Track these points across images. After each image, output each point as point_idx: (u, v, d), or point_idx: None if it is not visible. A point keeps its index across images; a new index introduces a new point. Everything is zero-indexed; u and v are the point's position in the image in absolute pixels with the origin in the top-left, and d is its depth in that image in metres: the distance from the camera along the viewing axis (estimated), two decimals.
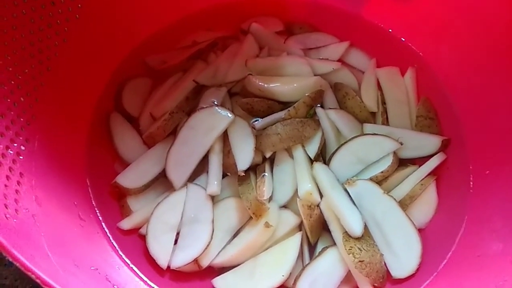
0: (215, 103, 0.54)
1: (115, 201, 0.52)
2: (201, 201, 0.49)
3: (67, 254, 0.40)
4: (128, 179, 0.51)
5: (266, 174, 0.49)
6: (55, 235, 0.40)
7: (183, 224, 0.48)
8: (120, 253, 0.47)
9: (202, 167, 0.51)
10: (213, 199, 0.49)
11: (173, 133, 0.55)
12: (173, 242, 0.47)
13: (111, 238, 0.48)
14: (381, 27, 0.60)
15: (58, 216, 0.43)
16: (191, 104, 0.58)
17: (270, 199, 0.49)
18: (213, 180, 0.49)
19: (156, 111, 0.57)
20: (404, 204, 0.50)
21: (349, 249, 0.44)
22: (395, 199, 0.48)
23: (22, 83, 0.45)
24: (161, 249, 0.47)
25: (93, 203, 0.50)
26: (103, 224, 0.49)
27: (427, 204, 0.51)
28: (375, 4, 0.58)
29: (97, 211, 0.49)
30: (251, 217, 0.49)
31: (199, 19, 0.62)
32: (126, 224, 0.49)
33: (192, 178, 0.51)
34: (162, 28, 0.61)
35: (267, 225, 0.47)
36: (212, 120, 0.51)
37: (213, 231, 0.47)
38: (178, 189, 0.50)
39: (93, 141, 0.53)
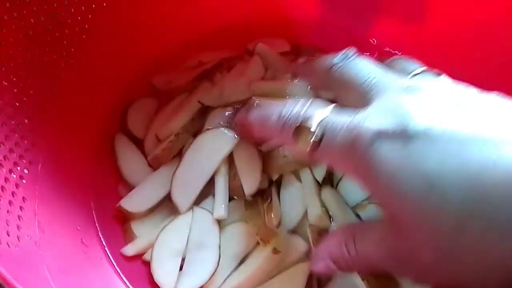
0: (221, 123, 0.53)
1: (119, 225, 0.50)
2: (208, 226, 0.48)
3: (70, 282, 0.39)
4: (133, 202, 0.50)
5: (273, 198, 0.48)
6: (58, 263, 0.39)
7: (189, 249, 0.47)
8: (125, 280, 0.46)
9: (208, 190, 0.50)
10: (220, 223, 0.48)
11: (178, 155, 0.54)
12: (178, 268, 0.46)
13: (115, 265, 0.47)
14: (389, 50, 0.59)
15: (61, 243, 0.42)
16: (197, 125, 0.57)
17: (279, 224, 0.48)
18: (220, 203, 0.48)
19: (161, 132, 0.56)
20: None
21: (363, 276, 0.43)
22: None
23: (27, 105, 0.44)
24: (166, 276, 0.45)
25: (97, 227, 0.49)
26: (106, 249, 0.48)
27: None
28: (384, 26, 0.58)
29: (101, 235, 0.48)
30: (258, 243, 0.47)
31: (205, 40, 0.62)
32: (130, 250, 0.48)
33: (198, 201, 0.50)
34: (168, 49, 0.60)
35: (275, 251, 0.46)
36: (218, 142, 0.50)
37: (219, 257, 0.46)
38: (184, 213, 0.49)
39: (98, 163, 0.52)
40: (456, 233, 0.25)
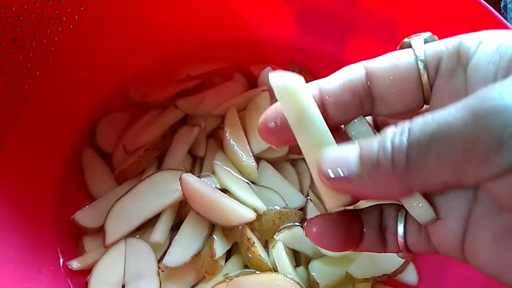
0: (184, 168, 0.53)
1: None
2: (143, 254, 0.48)
3: None
4: (86, 217, 0.51)
5: (215, 237, 0.48)
6: None
7: (127, 282, 0.48)
8: None
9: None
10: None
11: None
12: None
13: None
14: None
15: (13, 273, 0.44)
16: (168, 142, 0.58)
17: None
18: (158, 229, 0.49)
19: (130, 144, 0.56)
20: None
21: None
22: None
23: None
24: None
25: (58, 253, 0.50)
26: (66, 277, 0.49)
27: None
28: (359, 47, 0.56)
29: (61, 260, 0.50)
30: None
31: (192, 55, 0.61)
32: (76, 264, 0.49)
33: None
34: (147, 64, 0.60)
35: (227, 276, 0.48)
36: (173, 185, 0.50)
37: (160, 284, 0.47)
38: (116, 244, 0.49)
39: (64, 183, 0.53)
40: None
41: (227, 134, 0.54)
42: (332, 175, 0.24)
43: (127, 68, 0.59)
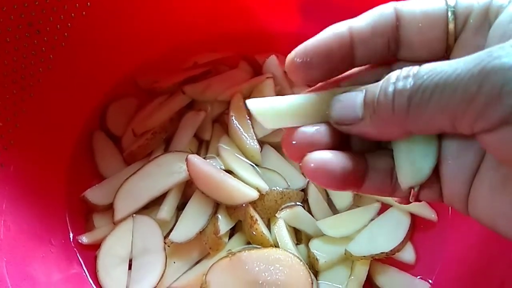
0: (190, 150, 0.55)
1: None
2: (150, 230, 0.50)
3: (28, 283, 0.43)
4: (96, 195, 0.54)
5: (219, 216, 0.50)
6: (20, 264, 0.43)
7: (134, 256, 0.50)
8: (90, 281, 0.50)
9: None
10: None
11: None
12: (126, 275, 0.49)
13: (82, 265, 0.51)
14: None
15: (26, 241, 0.46)
16: (175, 126, 0.60)
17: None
18: (165, 207, 0.51)
19: (139, 128, 0.59)
20: None
21: None
22: None
23: (2, 108, 0.48)
24: (114, 284, 0.49)
25: (68, 223, 0.53)
26: (75, 251, 0.52)
27: None
28: None
29: (70, 230, 0.52)
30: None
31: (199, 44, 0.63)
32: (86, 239, 0.51)
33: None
34: (157, 52, 0.62)
35: (231, 253, 0.49)
36: (180, 165, 0.52)
37: (166, 259, 0.49)
38: (124, 221, 0.51)
39: (75, 163, 0.56)
40: None
41: (232, 118, 0.55)
42: (340, 118, 0.27)
43: (136, 56, 0.61)
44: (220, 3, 0.60)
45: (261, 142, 0.56)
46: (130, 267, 0.50)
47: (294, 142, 0.28)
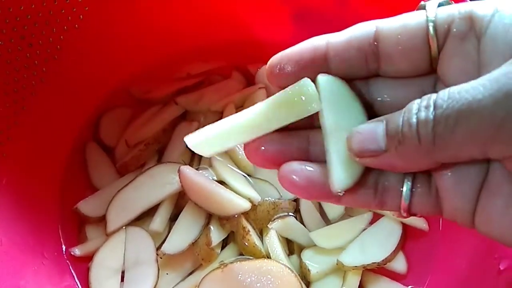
0: (183, 161, 0.55)
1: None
2: (143, 242, 0.51)
3: None
4: (90, 206, 0.54)
5: (211, 227, 0.50)
6: (12, 278, 0.43)
7: (127, 268, 0.50)
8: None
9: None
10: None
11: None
12: (119, 287, 0.49)
13: (75, 277, 0.51)
14: None
15: (18, 256, 0.46)
16: (168, 136, 0.60)
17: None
18: (157, 218, 0.51)
19: (132, 138, 0.59)
20: None
21: None
22: None
23: None
24: None
25: (60, 235, 0.53)
26: (68, 263, 0.52)
27: None
28: None
29: (64, 247, 0.52)
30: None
31: (192, 54, 0.63)
32: (78, 250, 0.51)
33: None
34: (151, 62, 0.62)
35: (223, 264, 0.49)
36: (172, 176, 0.52)
37: (158, 270, 0.49)
38: (117, 232, 0.52)
39: (68, 175, 0.56)
40: None
41: None
42: (361, 151, 0.26)
43: (129, 66, 0.61)
44: (212, 13, 0.61)
45: None
46: (122, 279, 0.50)
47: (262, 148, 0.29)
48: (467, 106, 0.22)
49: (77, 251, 0.52)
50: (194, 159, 0.58)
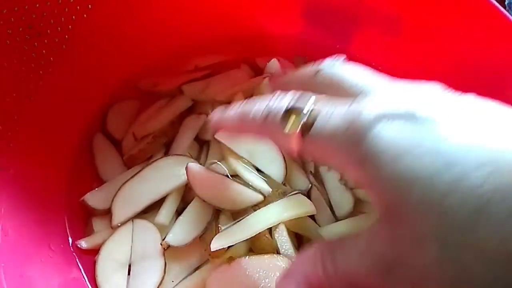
0: (189, 153, 0.55)
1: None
2: (150, 235, 0.50)
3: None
4: (96, 199, 0.53)
5: (221, 226, 0.50)
6: (18, 269, 0.43)
7: (133, 262, 0.49)
8: (89, 286, 0.49)
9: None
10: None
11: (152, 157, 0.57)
12: (125, 280, 0.49)
13: (82, 270, 0.51)
14: (371, 64, 0.59)
15: (25, 247, 0.46)
16: (175, 129, 0.59)
17: None
18: (163, 211, 0.51)
19: (139, 131, 0.58)
20: None
21: None
22: None
23: (1, 111, 0.47)
24: None
25: (67, 228, 0.52)
26: (74, 255, 0.51)
27: None
28: (363, 40, 0.58)
29: (70, 240, 0.52)
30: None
31: (200, 47, 0.63)
32: (85, 243, 0.51)
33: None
34: (158, 54, 0.62)
35: (231, 259, 0.49)
36: (179, 169, 0.52)
37: (165, 265, 0.49)
38: (124, 225, 0.51)
39: (76, 166, 0.55)
40: (474, 216, 0.22)
41: None
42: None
43: (137, 59, 0.60)
44: (221, 6, 0.60)
45: None
46: (129, 272, 0.50)
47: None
48: None
49: (83, 243, 0.51)
50: (202, 151, 0.57)
